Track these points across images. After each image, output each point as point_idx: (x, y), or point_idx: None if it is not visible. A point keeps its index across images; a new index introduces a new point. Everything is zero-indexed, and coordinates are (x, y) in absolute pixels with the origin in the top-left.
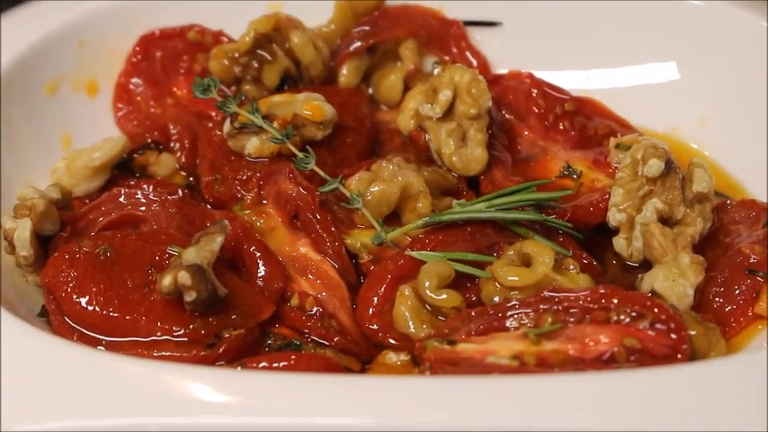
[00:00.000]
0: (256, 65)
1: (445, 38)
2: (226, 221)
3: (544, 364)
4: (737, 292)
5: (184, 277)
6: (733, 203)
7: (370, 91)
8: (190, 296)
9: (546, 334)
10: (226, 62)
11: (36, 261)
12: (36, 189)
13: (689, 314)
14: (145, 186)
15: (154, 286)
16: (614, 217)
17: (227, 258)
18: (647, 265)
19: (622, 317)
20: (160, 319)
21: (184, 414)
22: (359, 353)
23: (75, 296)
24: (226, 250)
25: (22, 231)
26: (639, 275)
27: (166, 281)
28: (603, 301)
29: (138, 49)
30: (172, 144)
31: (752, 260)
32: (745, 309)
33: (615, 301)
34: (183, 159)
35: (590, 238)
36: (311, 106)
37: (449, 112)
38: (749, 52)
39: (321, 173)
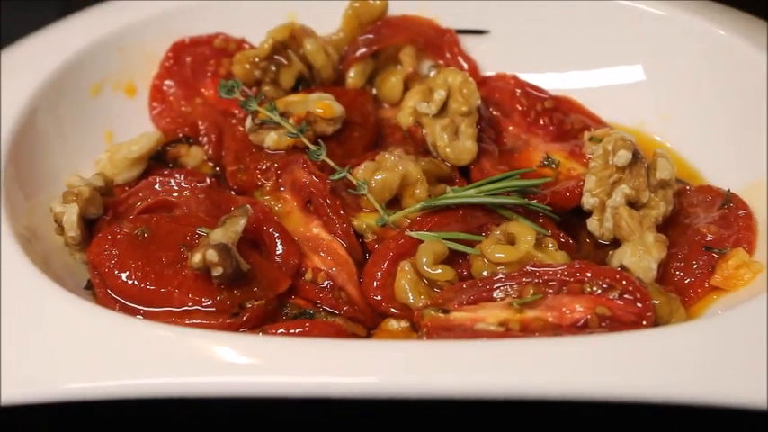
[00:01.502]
0: (274, 68)
1: (440, 44)
2: (248, 206)
3: (527, 330)
4: (695, 266)
5: (212, 255)
6: (692, 189)
7: (374, 91)
8: (217, 271)
9: (528, 303)
10: (247, 66)
11: (82, 241)
12: (82, 178)
13: (653, 286)
14: (177, 175)
15: (185, 263)
16: (588, 201)
17: (249, 238)
18: (616, 243)
19: (595, 288)
20: (191, 292)
21: (213, 374)
22: (365, 321)
23: (116, 271)
24: (248, 231)
25: (70, 215)
26: (610, 252)
27: (196, 258)
28: (578, 274)
29: (170, 54)
30: (200, 138)
31: (708, 239)
32: (702, 281)
33: (588, 274)
34: (211, 152)
35: (566, 219)
36: (322, 105)
37: (443, 110)
38: (706, 56)
39: (331, 163)
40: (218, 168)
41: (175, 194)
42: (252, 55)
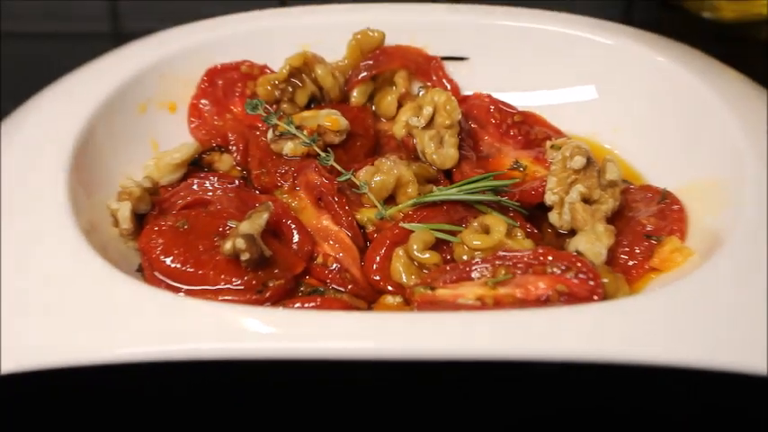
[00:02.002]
0: (291, 89)
1: (427, 69)
2: (270, 203)
3: (499, 304)
4: (637, 251)
5: (240, 243)
6: (635, 188)
7: (374, 108)
8: (244, 257)
9: (500, 282)
10: (269, 88)
11: (134, 232)
12: (133, 180)
13: (603, 267)
14: (211, 178)
15: (218, 250)
16: (549, 198)
17: (270, 229)
18: (573, 232)
19: (555, 269)
20: (223, 273)
21: (242, 340)
22: (366, 297)
23: (162, 257)
24: (270, 223)
25: (124, 211)
26: (567, 240)
27: (227, 245)
28: (541, 258)
29: (205, 78)
30: (230, 147)
31: (648, 228)
32: (642, 263)
33: (550, 258)
34: (239, 158)
35: (532, 213)
36: (331, 119)
37: (430, 123)
38: (648, 79)
39: (338, 167)
40: (245, 172)
41: (210, 193)
42: (272, 78)
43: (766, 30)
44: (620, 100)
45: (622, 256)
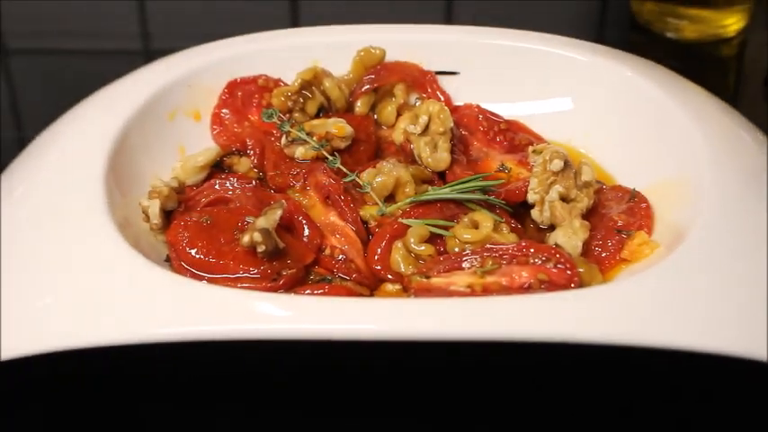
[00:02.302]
0: (302, 100)
1: (423, 82)
2: (283, 201)
3: (487, 291)
4: (609, 244)
5: (257, 236)
6: (607, 188)
7: (375, 116)
8: (261, 248)
9: (488, 271)
10: (282, 99)
11: (162, 227)
12: (162, 180)
13: (579, 258)
14: (231, 178)
15: (238, 242)
16: (531, 197)
17: (284, 224)
18: (552, 227)
19: (536, 260)
20: (242, 263)
21: (258, 323)
22: (368, 285)
23: (187, 249)
24: (283, 219)
25: (154, 208)
26: (547, 234)
27: (246, 239)
28: (524, 250)
29: (226, 90)
30: (248, 151)
31: (619, 224)
32: (614, 255)
33: (532, 250)
34: (256, 161)
35: (516, 210)
36: (338, 126)
37: (426, 130)
38: (618, 91)
39: (344, 169)
40: (261, 173)
41: (230, 192)
42: (286, 90)
43: (722, 48)
44: (593, 110)
45: (596, 248)
